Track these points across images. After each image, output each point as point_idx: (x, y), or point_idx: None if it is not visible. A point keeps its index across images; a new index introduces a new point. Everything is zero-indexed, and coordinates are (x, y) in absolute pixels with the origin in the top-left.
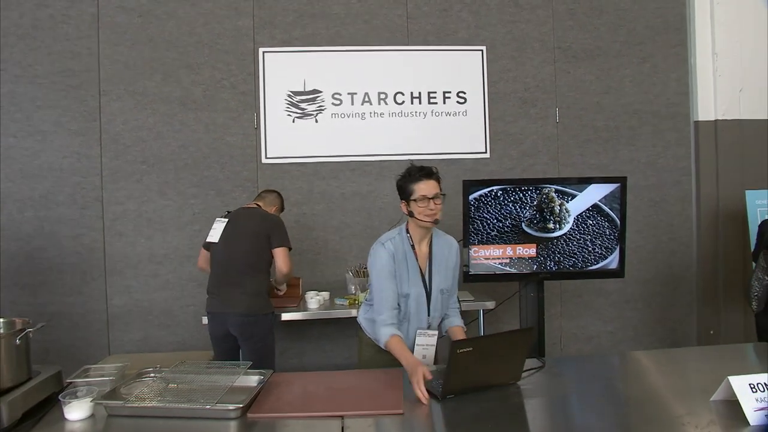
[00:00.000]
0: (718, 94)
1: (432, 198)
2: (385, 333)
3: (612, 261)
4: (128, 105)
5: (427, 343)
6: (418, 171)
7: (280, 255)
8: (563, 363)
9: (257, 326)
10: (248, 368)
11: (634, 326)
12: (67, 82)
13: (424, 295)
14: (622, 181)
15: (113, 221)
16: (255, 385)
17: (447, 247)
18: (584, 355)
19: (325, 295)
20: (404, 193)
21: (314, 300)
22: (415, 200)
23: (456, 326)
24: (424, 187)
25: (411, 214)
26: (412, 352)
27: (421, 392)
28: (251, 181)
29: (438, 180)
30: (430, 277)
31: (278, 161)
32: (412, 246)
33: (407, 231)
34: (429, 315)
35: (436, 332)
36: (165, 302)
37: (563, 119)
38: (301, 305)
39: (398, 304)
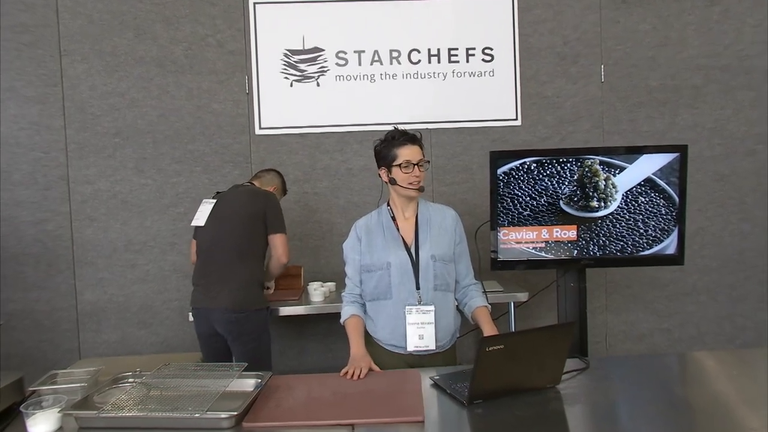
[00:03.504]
0: None
1: (416, 164)
2: (345, 312)
3: (669, 245)
4: (95, 67)
5: (421, 321)
6: (401, 135)
7: (278, 243)
8: (610, 364)
9: (247, 324)
10: (243, 371)
11: (695, 323)
12: (19, 39)
13: (410, 263)
14: (681, 150)
15: (82, 204)
16: (251, 389)
17: (439, 214)
18: (635, 355)
19: (331, 286)
20: (385, 159)
21: (318, 292)
22: (398, 165)
23: (480, 307)
24: (408, 152)
25: (393, 182)
26: (405, 333)
27: (347, 372)
28: (243, 155)
29: (422, 147)
30: (417, 246)
31: (274, 132)
32: (393, 218)
33: (388, 205)
34: (418, 288)
35: (432, 308)
36: (145, 297)
37: (610, 78)
38: (302, 298)
39: (373, 279)
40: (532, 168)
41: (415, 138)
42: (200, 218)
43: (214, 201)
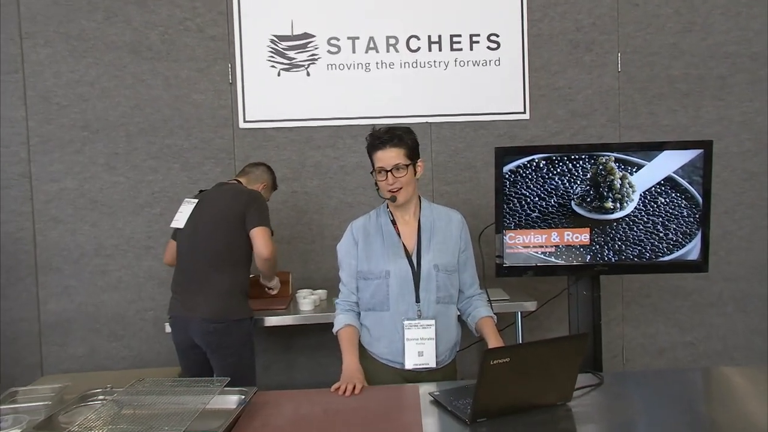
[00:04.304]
0: None
1: (390, 170)
2: (338, 321)
3: (691, 251)
4: (61, 52)
5: (421, 336)
6: (375, 137)
7: (258, 236)
8: (626, 379)
9: (228, 335)
10: (225, 386)
11: (722, 336)
12: None
13: (410, 272)
14: (706, 146)
15: (46, 204)
16: (234, 407)
17: (443, 218)
18: (654, 370)
19: (321, 293)
20: (371, 162)
21: (307, 300)
22: (374, 172)
23: (484, 317)
24: (381, 157)
25: (377, 187)
26: (403, 347)
27: (339, 388)
28: (226, 151)
29: (404, 146)
30: (419, 254)
31: (260, 125)
32: (393, 221)
33: (388, 206)
34: (419, 301)
35: (433, 322)
36: (116, 306)
37: (627, 68)
38: (291, 307)
39: (369, 288)
40: (542, 166)
41: (393, 139)
42: (180, 219)
43: (196, 201)
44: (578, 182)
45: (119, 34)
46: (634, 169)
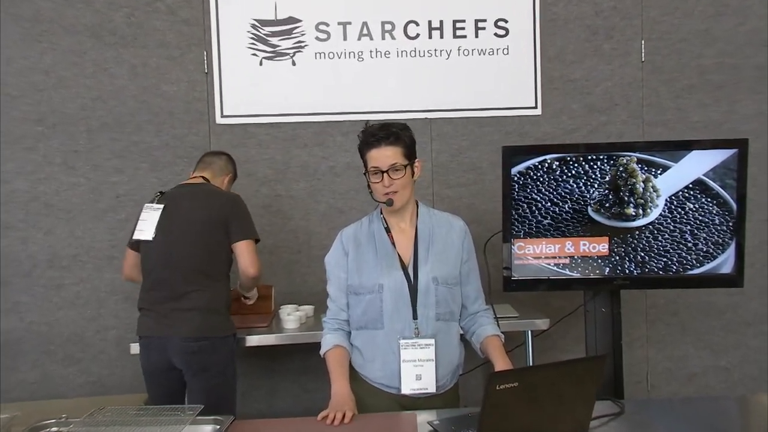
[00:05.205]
0: None
1: (386, 171)
2: (326, 342)
3: (724, 263)
4: (11, 36)
5: (418, 357)
6: (370, 134)
7: (244, 251)
8: (651, 408)
9: (212, 354)
10: (198, 414)
11: (759, 360)
12: None
13: (406, 286)
14: (741, 145)
15: None
16: None
17: (444, 225)
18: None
19: (308, 309)
20: (363, 162)
21: (292, 317)
22: (367, 173)
23: (490, 336)
24: (375, 156)
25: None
26: (398, 370)
27: (327, 417)
28: (201, 149)
29: (401, 144)
30: (416, 265)
31: (239, 121)
32: (387, 229)
33: (381, 212)
34: (416, 318)
35: (432, 341)
36: (74, 325)
37: (652, 57)
38: (273, 325)
39: (361, 304)
40: (555, 167)
41: (389, 136)
42: (146, 230)
43: (160, 206)
44: (596, 186)
45: (79, 16)
46: (658, 171)
